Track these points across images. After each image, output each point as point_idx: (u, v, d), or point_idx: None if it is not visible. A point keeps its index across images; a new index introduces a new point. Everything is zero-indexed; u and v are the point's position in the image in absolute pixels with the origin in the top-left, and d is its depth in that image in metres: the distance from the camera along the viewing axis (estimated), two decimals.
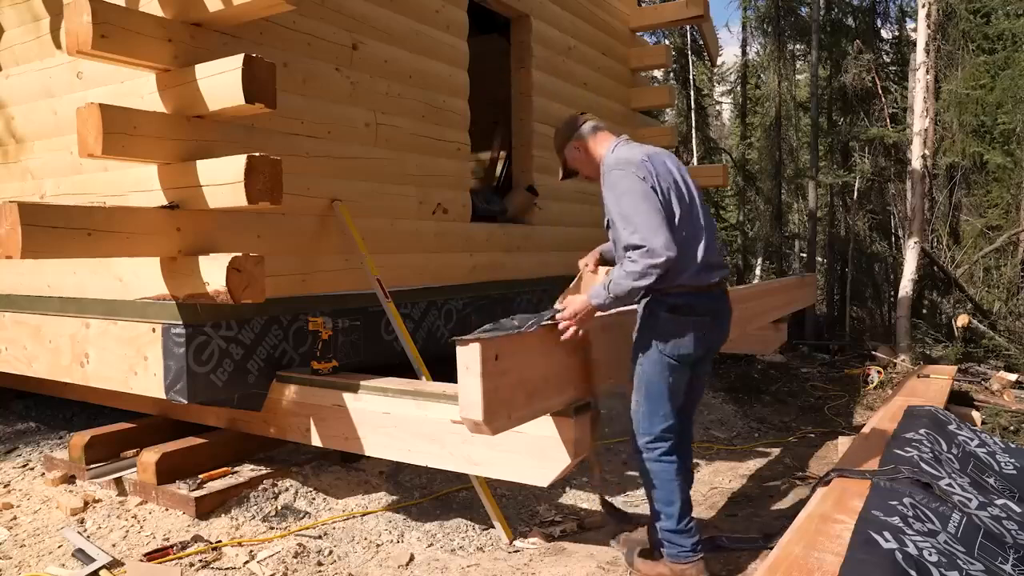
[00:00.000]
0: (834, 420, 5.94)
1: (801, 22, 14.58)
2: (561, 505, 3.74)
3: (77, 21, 2.57)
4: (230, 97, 2.72)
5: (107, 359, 3.31)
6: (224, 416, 3.55)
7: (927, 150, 9.44)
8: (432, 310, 4.31)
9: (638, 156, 2.68)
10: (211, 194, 2.83)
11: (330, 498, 3.46)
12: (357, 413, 3.08)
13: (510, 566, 2.98)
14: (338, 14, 3.64)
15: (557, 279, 5.59)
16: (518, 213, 5.28)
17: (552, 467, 2.63)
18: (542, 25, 5.43)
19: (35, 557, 2.88)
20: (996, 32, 9.70)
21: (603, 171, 2.73)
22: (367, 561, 2.99)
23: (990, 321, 9.09)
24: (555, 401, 2.58)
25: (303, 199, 3.44)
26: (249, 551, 2.95)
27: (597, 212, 6.22)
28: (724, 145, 18.34)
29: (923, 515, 2.62)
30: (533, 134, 5.33)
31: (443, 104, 4.38)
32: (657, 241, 2.44)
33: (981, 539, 2.57)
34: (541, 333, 2.51)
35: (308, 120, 3.48)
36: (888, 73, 14.99)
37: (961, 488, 3.06)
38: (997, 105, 9.45)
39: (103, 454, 3.60)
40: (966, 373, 6.76)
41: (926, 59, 9.30)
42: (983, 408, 5.46)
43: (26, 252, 2.45)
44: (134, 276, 3.17)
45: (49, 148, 3.56)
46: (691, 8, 6.44)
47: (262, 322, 3.30)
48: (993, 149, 9.81)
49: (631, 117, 6.78)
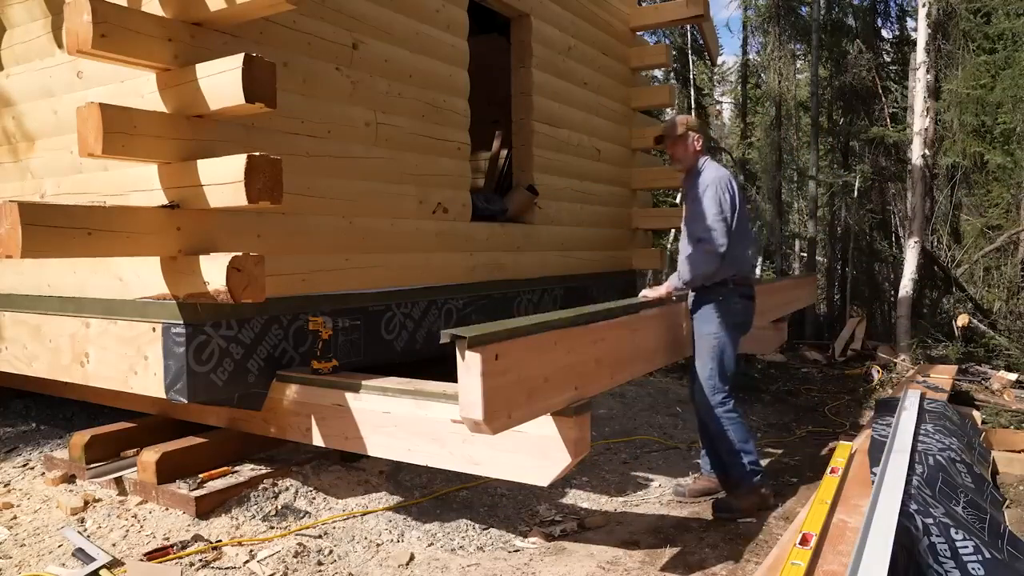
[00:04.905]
0: (834, 420, 5.94)
1: (801, 22, 14.58)
2: (561, 505, 3.74)
3: (77, 20, 2.57)
4: (230, 96, 2.71)
5: (107, 359, 3.31)
6: (224, 416, 3.55)
7: (927, 150, 9.44)
8: (432, 310, 4.31)
9: (728, 174, 3.74)
10: (211, 193, 2.82)
11: (330, 498, 3.46)
12: (357, 412, 3.08)
13: (510, 566, 2.98)
14: (338, 14, 3.64)
15: (557, 279, 5.60)
16: (518, 213, 5.27)
17: (552, 466, 2.63)
18: (542, 24, 5.42)
19: (35, 556, 2.88)
20: (996, 32, 9.68)
21: (711, 179, 3.63)
22: (367, 560, 2.99)
23: (990, 320, 9.08)
24: (555, 400, 2.59)
25: (303, 198, 3.44)
26: (249, 551, 2.95)
27: (597, 212, 6.27)
28: (724, 145, 18.33)
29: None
30: (533, 134, 5.32)
31: (443, 104, 4.37)
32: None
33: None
34: (540, 334, 2.51)
35: (308, 120, 3.48)
36: (888, 73, 15.01)
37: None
38: (997, 105, 9.43)
39: (103, 454, 3.60)
40: (966, 373, 6.76)
41: (926, 59, 9.30)
42: (983, 407, 5.46)
43: (26, 251, 2.44)
44: (134, 275, 3.17)
45: (49, 147, 3.56)
46: (691, 8, 6.43)
47: (262, 321, 3.29)
48: (993, 149, 9.80)
49: (631, 116, 6.77)
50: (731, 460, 3.62)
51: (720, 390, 3.62)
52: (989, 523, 2.94)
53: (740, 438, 3.59)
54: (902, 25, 15.40)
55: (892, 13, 15.12)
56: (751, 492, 3.60)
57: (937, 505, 2.88)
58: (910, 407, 4.32)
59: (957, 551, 2.55)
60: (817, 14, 13.65)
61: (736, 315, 3.70)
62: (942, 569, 2.48)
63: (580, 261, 5.91)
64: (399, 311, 4.05)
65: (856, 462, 3.41)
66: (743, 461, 3.59)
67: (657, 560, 3.10)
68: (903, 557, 2.44)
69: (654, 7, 7.28)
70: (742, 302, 3.74)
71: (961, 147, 10.26)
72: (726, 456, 3.64)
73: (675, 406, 5.82)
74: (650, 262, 6.98)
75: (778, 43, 14.42)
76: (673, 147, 3.78)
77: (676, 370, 6.95)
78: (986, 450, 4.31)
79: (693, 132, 3.76)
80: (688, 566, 3.05)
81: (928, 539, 2.60)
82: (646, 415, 5.52)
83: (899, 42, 15.43)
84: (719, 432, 3.61)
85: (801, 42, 14.90)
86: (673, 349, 3.90)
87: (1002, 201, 9.99)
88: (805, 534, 2.52)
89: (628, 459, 4.52)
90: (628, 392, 5.97)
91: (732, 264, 3.67)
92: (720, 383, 3.63)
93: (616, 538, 3.32)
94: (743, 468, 3.60)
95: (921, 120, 9.30)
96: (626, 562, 3.07)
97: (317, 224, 3.53)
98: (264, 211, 3.16)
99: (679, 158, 3.79)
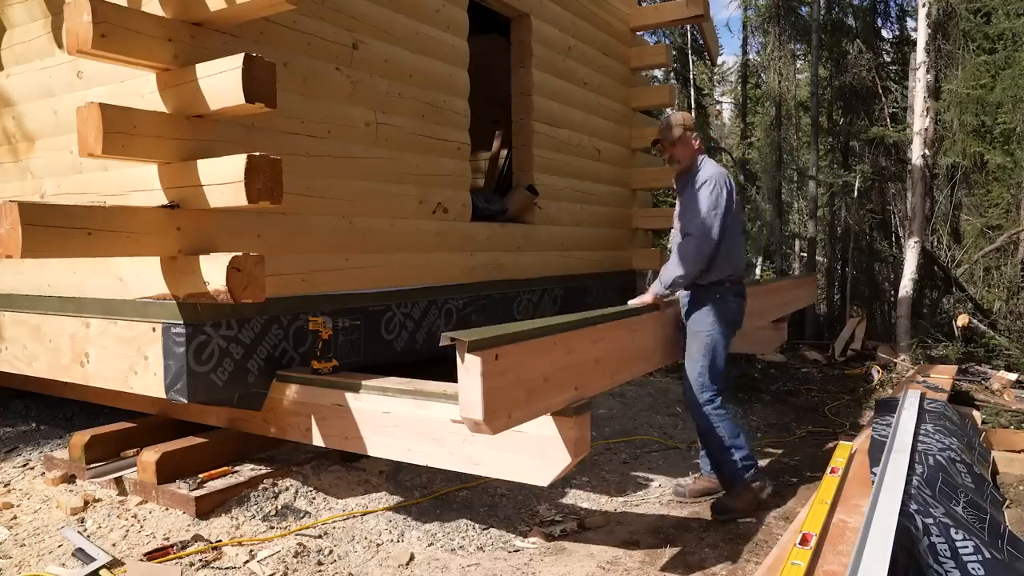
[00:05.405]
0: (834, 420, 5.94)
1: (801, 22, 14.58)
2: (561, 505, 3.74)
3: (77, 20, 2.57)
4: (230, 96, 2.72)
5: (107, 359, 3.31)
6: (224, 416, 3.55)
7: (927, 150, 9.43)
8: (432, 310, 4.31)
9: (726, 172, 3.77)
10: (211, 193, 2.82)
11: (330, 498, 3.46)
12: (357, 412, 3.08)
13: (510, 566, 2.98)
14: (338, 14, 3.64)
15: (557, 279, 5.60)
16: (518, 213, 5.27)
17: (552, 466, 2.63)
18: (542, 24, 5.42)
19: (35, 556, 2.88)
20: (996, 32, 9.68)
21: (709, 175, 3.66)
22: (367, 560, 2.99)
23: (990, 320, 9.08)
24: (555, 400, 2.59)
25: (303, 198, 3.44)
26: (249, 550, 2.95)
27: (597, 212, 6.26)
28: (724, 144, 18.33)
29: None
30: (533, 134, 5.32)
31: (443, 104, 4.37)
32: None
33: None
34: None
35: (308, 120, 3.48)
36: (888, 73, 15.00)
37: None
38: (997, 105, 9.42)
39: (103, 453, 3.60)
40: (966, 373, 6.76)
41: (926, 59, 9.29)
42: (983, 407, 5.46)
43: (26, 251, 2.45)
44: (134, 275, 3.17)
45: (49, 147, 3.56)
46: (691, 8, 6.42)
47: (262, 321, 3.29)
48: (993, 149, 9.79)
49: (631, 116, 6.77)
50: (722, 457, 3.63)
51: (709, 388, 3.64)
52: (989, 523, 2.95)
53: (730, 434, 3.60)
54: (902, 25, 15.40)
55: (892, 13, 15.13)
56: (746, 489, 3.61)
57: (937, 505, 2.88)
58: (910, 407, 4.32)
59: (957, 551, 2.55)
60: (817, 14, 13.65)
61: (731, 313, 3.75)
62: (942, 569, 2.48)
63: (580, 261, 5.91)
64: (399, 311, 4.05)
65: (856, 462, 3.41)
66: (734, 457, 3.60)
67: (657, 560, 3.10)
68: (903, 557, 2.44)
69: (654, 7, 7.28)
70: (736, 301, 3.79)
71: (961, 147, 10.25)
72: (717, 453, 3.65)
73: (675, 406, 5.82)
74: (650, 262, 6.98)
75: (778, 43, 14.41)
76: (672, 149, 3.78)
77: (676, 370, 6.93)
78: (986, 450, 4.32)
79: (690, 131, 3.75)
80: (688, 566, 3.06)
81: (928, 539, 2.60)
82: (646, 415, 5.52)
83: (899, 42, 15.42)
84: (708, 429, 3.63)
85: (801, 42, 14.89)
86: (673, 349, 3.90)
87: (1002, 201, 9.98)
88: (805, 534, 2.52)
89: (628, 459, 4.52)
90: (628, 392, 5.97)
91: (728, 263, 3.71)
92: (709, 381, 3.64)
93: (616, 538, 3.33)
94: (734, 465, 3.61)
95: (921, 120, 9.29)
96: (626, 562, 3.07)
97: (317, 224, 3.53)
98: (264, 211, 3.16)
99: (678, 158, 3.80)
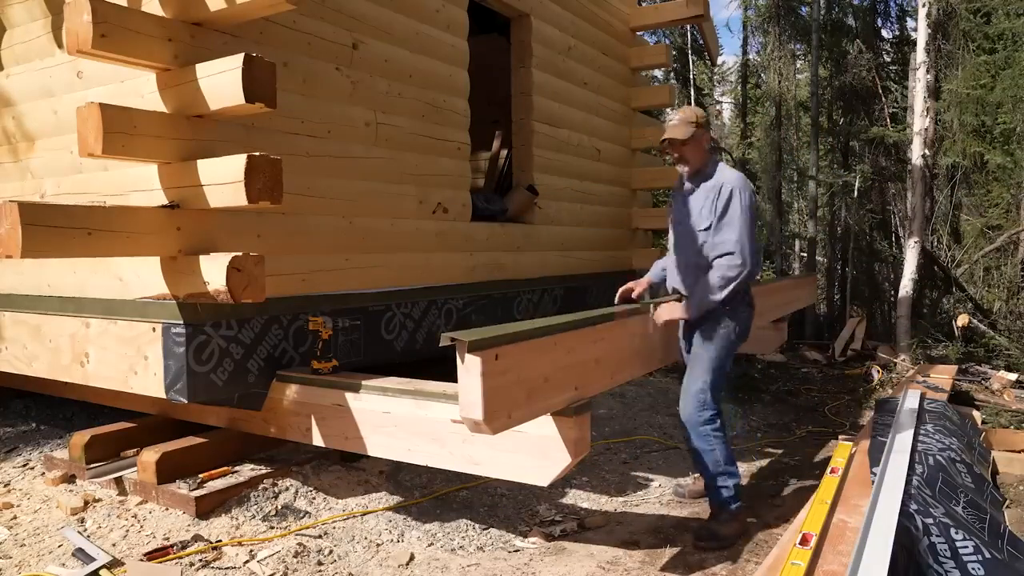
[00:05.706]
0: (834, 420, 5.94)
1: (801, 22, 14.58)
2: (561, 505, 3.74)
3: (77, 20, 2.57)
4: (230, 96, 2.72)
5: (107, 359, 3.31)
6: (224, 416, 3.55)
7: (927, 150, 9.43)
8: (432, 310, 4.31)
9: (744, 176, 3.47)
10: (211, 193, 2.82)
11: (330, 498, 3.46)
12: (357, 413, 3.08)
13: (510, 566, 2.98)
14: (338, 14, 3.64)
15: (557, 279, 5.60)
16: (518, 213, 5.27)
17: (552, 466, 2.63)
18: (542, 24, 5.42)
19: (35, 556, 2.88)
20: (996, 32, 9.67)
21: (732, 184, 3.33)
22: (367, 560, 2.99)
23: (990, 321, 9.08)
24: (555, 400, 2.59)
25: (303, 198, 3.44)
26: (249, 550, 2.95)
27: (597, 212, 6.26)
28: (724, 144, 18.33)
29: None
30: (533, 134, 5.33)
31: (443, 104, 4.37)
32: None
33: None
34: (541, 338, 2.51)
35: (308, 120, 3.48)
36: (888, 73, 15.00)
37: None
38: (997, 105, 9.42)
39: (103, 453, 3.60)
40: (966, 373, 6.75)
41: (926, 59, 9.29)
42: (983, 407, 5.46)
43: (26, 251, 2.45)
44: (134, 275, 3.17)
45: (49, 147, 3.56)
46: (691, 8, 6.42)
47: (262, 321, 3.29)
48: (993, 149, 9.79)
49: (631, 116, 6.77)
50: (712, 483, 3.38)
51: (710, 406, 3.40)
52: (989, 523, 2.95)
53: (725, 459, 3.36)
54: (902, 25, 15.40)
55: (892, 13, 15.14)
56: (733, 519, 3.36)
57: (937, 505, 2.88)
58: (910, 407, 4.32)
59: (957, 551, 2.55)
60: (817, 14, 13.65)
61: (742, 322, 3.52)
62: (942, 569, 2.48)
63: (580, 261, 5.91)
64: (399, 311, 4.05)
65: (856, 462, 3.41)
66: (727, 484, 3.35)
67: (657, 560, 3.10)
68: (903, 557, 2.44)
69: (654, 7, 7.28)
70: (747, 311, 3.56)
71: (961, 147, 10.25)
72: (708, 478, 3.41)
73: (675, 406, 5.80)
74: (650, 262, 6.95)
75: (778, 43, 14.41)
76: (682, 149, 3.42)
77: (676, 370, 6.93)
78: (986, 450, 4.31)
79: (702, 128, 3.41)
80: (688, 566, 3.06)
81: (928, 539, 2.60)
82: (646, 415, 5.52)
83: (899, 42, 15.43)
84: (702, 450, 3.39)
85: (801, 42, 14.90)
86: (673, 349, 3.90)
87: (1002, 201, 9.98)
88: (805, 534, 2.52)
89: (628, 459, 4.52)
90: (628, 392, 5.97)
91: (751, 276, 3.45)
92: (711, 399, 3.41)
93: (616, 538, 3.33)
94: (725, 492, 3.36)
95: (921, 120, 9.29)
96: (626, 562, 3.07)
97: (317, 224, 3.53)
98: (264, 211, 3.16)
99: (689, 159, 3.43)
